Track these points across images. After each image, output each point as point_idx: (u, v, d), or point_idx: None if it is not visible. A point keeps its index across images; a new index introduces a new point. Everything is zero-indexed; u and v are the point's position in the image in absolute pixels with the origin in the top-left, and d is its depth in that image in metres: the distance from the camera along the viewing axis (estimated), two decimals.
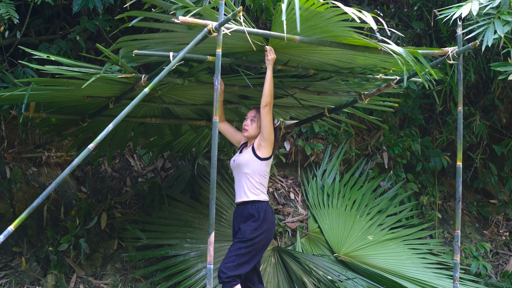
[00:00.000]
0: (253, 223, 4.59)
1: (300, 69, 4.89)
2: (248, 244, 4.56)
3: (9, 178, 5.88)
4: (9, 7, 4.85)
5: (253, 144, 4.73)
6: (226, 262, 4.56)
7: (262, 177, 4.69)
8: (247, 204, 4.64)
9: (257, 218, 4.59)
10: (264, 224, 4.62)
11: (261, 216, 4.61)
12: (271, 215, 4.70)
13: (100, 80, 4.42)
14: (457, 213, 4.51)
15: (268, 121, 4.57)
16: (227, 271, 4.51)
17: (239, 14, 3.78)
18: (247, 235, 4.55)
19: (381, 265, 6.53)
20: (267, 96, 4.49)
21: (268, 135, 4.61)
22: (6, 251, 5.71)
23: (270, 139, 4.64)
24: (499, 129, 8.46)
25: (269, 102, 4.50)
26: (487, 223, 8.42)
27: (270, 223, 4.68)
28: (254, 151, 4.68)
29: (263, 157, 4.67)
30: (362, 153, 7.98)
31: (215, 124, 3.94)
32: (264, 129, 4.60)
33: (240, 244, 4.57)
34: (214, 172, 3.92)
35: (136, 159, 6.84)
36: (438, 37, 7.75)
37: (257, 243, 4.59)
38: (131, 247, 6.05)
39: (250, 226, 4.58)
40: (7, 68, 5.54)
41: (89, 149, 3.65)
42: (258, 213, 4.61)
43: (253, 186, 4.65)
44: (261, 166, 4.67)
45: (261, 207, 4.63)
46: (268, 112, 4.53)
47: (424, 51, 4.92)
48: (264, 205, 4.66)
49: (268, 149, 4.68)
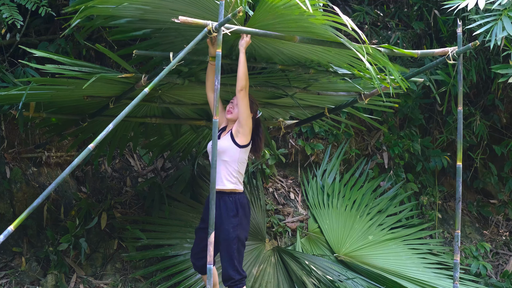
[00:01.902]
0: (233, 219, 4.62)
1: (300, 69, 4.88)
2: (235, 241, 4.63)
3: (9, 178, 5.87)
4: (13, 10, 4.84)
5: (231, 130, 4.69)
6: (229, 265, 4.63)
7: (240, 165, 4.69)
8: (224, 194, 4.64)
9: (236, 213, 4.64)
10: (243, 218, 4.70)
11: (240, 212, 4.66)
12: (247, 207, 4.78)
13: (100, 80, 4.42)
14: (457, 213, 4.50)
15: (244, 105, 4.51)
16: (236, 274, 4.63)
17: (239, 14, 3.77)
18: (231, 234, 4.61)
19: (381, 265, 6.53)
20: (241, 80, 4.42)
21: (244, 120, 4.57)
22: (6, 251, 5.71)
23: (247, 125, 4.60)
24: (499, 129, 8.46)
25: (244, 86, 4.44)
26: (487, 223, 8.42)
27: (247, 214, 4.78)
28: (233, 138, 4.65)
29: (242, 145, 4.64)
30: (362, 153, 7.98)
31: (215, 124, 3.94)
32: (240, 114, 4.54)
33: (228, 243, 4.62)
34: (214, 172, 3.92)
35: (136, 159, 6.84)
36: (439, 37, 7.75)
37: (240, 235, 4.67)
38: (131, 247, 6.04)
39: (231, 223, 4.62)
40: (7, 68, 5.54)
41: (89, 149, 3.64)
42: (237, 207, 4.65)
43: (230, 174, 4.65)
44: (240, 154, 4.65)
45: (238, 200, 4.67)
46: (244, 96, 4.48)
47: (423, 51, 4.92)
48: (241, 197, 4.70)
49: (247, 136, 4.65)
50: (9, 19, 4.76)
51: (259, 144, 4.86)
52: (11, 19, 4.77)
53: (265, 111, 5.83)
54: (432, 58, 6.72)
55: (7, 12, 4.79)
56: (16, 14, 4.81)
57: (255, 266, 6.10)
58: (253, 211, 6.57)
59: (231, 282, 4.64)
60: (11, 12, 4.81)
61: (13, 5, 4.87)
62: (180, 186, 6.50)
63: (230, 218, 4.63)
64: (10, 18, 4.77)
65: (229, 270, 4.61)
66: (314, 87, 5.27)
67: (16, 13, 4.82)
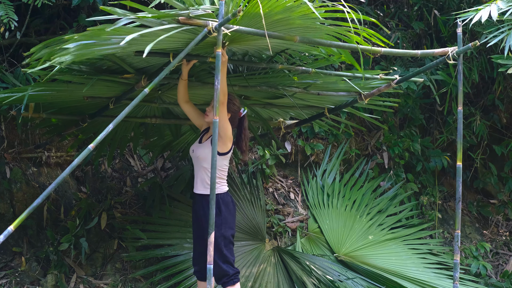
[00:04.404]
0: (216, 219, 4.63)
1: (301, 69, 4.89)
2: (220, 239, 4.68)
3: (9, 178, 5.87)
4: (9, 9, 4.79)
5: (211, 137, 4.73)
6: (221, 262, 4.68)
7: (220, 171, 4.74)
8: (206, 196, 4.67)
9: (218, 212, 4.68)
10: (227, 215, 4.74)
11: (222, 210, 4.71)
12: (231, 205, 4.81)
13: (100, 81, 4.41)
14: (457, 213, 4.51)
15: (222, 119, 4.54)
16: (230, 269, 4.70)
17: (239, 14, 3.77)
18: (215, 233, 4.63)
19: (381, 265, 6.53)
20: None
21: (223, 132, 4.61)
22: (6, 251, 5.71)
23: (226, 135, 4.64)
24: (500, 129, 8.47)
25: (221, 101, 4.45)
26: (487, 223, 8.42)
27: (232, 211, 4.81)
28: None
29: (221, 152, 4.69)
30: (362, 153, 7.98)
31: (215, 124, 3.94)
32: (219, 127, 4.54)
33: (215, 243, 4.64)
34: (214, 172, 3.92)
35: (136, 159, 6.85)
36: (439, 37, 7.75)
37: (225, 233, 4.71)
38: (131, 247, 6.04)
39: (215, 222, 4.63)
40: (7, 68, 5.54)
41: (89, 149, 3.64)
42: (219, 207, 4.70)
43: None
44: (220, 161, 4.66)
45: (220, 199, 4.72)
46: (221, 110, 4.50)
47: (424, 51, 4.93)
48: (223, 196, 4.75)
49: (227, 144, 4.69)
50: (4, 18, 4.72)
51: (242, 146, 4.91)
52: (6, 17, 4.73)
53: (265, 111, 5.84)
54: (433, 58, 6.72)
55: (2, 10, 4.74)
56: (11, 13, 4.75)
57: (255, 266, 6.10)
58: (253, 211, 6.57)
59: (226, 278, 4.70)
60: (7, 10, 4.76)
61: (9, 4, 4.84)
62: (180, 186, 6.50)
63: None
64: (5, 17, 4.73)
65: (223, 266, 4.68)
66: (314, 87, 5.28)
67: (12, 12, 4.77)
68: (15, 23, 4.79)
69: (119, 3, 3.91)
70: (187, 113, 4.99)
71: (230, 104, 4.74)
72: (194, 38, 3.92)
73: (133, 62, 4.43)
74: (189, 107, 4.95)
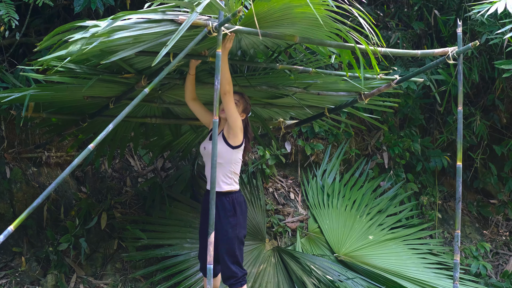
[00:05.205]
0: (231, 219, 4.67)
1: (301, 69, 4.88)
2: (235, 240, 4.69)
3: (9, 178, 5.87)
4: (10, 8, 4.78)
5: (222, 132, 4.73)
6: (231, 263, 4.68)
7: (235, 165, 4.74)
8: (221, 195, 4.68)
9: (234, 213, 4.69)
10: (240, 216, 4.74)
11: (237, 210, 4.71)
12: (244, 205, 4.82)
13: (100, 81, 4.41)
14: (457, 213, 4.50)
15: (231, 109, 4.53)
16: (239, 271, 4.71)
17: (239, 14, 3.77)
18: (230, 234, 4.66)
19: (381, 265, 6.53)
20: (223, 85, 4.40)
21: (233, 123, 4.59)
22: (6, 251, 5.71)
23: (237, 126, 4.62)
24: (499, 129, 8.47)
25: (227, 90, 4.44)
26: (487, 223, 8.42)
27: (244, 211, 4.82)
28: (225, 139, 4.69)
29: (234, 145, 4.69)
30: (362, 153, 7.98)
31: (215, 124, 3.93)
32: (229, 117, 4.57)
33: (229, 243, 4.68)
34: (214, 172, 3.92)
35: (136, 159, 6.84)
36: (439, 37, 7.75)
37: (239, 234, 4.72)
38: (131, 247, 6.04)
39: (229, 223, 4.68)
40: (7, 68, 5.53)
41: (89, 149, 3.64)
42: (234, 207, 4.70)
43: (225, 176, 4.70)
44: (234, 155, 4.68)
45: (235, 199, 4.73)
46: (228, 100, 4.49)
47: (424, 51, 4.92)
48: (237, 196, 4.75)
49: (239, 136, 4.68)
50: (5, 17, 4.71)
51: (247, 145, 4.89)
52: (7, 16, 4.72)
53: (265, 111, 5.83)
54: (433, 58, 6.72)
55: (3, 9, 4.73)
56: (12, 12, 4.74)
57: (255, 266, 6.10)
58: (253, 211, 6.57)
59: (234, 279, 4.69)
60: (8, 9, 4.75)
61: (10, 3, 4.83)
62: (180, 186, 6.50)
63: (228, 218, 4.68)
64: (6, 16, 4.72)
65: (232, 267, 4.68)
66: (314, 87, 5.27)
67: (13, 11, 4.76)
68: (16, 22, 4.78)
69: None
70: (195, 111, 4.96)
71: (248, 105, 4.80)
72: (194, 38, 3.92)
73: (133, 62, 4.44)
74: (196, 105, 4.93)
